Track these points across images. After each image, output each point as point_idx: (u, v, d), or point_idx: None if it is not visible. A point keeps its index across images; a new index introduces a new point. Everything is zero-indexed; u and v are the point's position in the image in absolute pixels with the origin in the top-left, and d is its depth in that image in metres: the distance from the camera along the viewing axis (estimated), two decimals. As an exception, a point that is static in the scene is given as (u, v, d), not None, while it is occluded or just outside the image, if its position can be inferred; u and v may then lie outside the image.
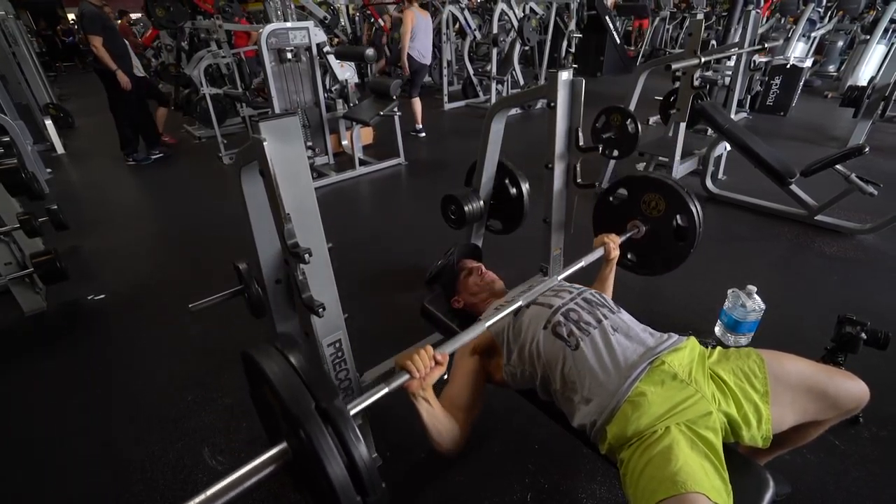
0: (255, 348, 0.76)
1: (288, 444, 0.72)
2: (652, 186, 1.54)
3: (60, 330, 2.30)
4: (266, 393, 0.75)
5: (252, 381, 0.83)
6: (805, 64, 5.49)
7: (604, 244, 1.42)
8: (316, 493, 0.71)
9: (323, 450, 0.64)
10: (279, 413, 0.71)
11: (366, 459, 0.67)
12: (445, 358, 0.98)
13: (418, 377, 0.94)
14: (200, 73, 4.75)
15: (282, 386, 0.68)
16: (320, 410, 0.68)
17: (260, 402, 0.86)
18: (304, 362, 0.73)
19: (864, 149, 2.48)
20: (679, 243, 1.51)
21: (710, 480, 0.83)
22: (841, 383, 1.01)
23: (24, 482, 1.57)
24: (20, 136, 3.18)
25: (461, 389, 1.19)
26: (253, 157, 1.04)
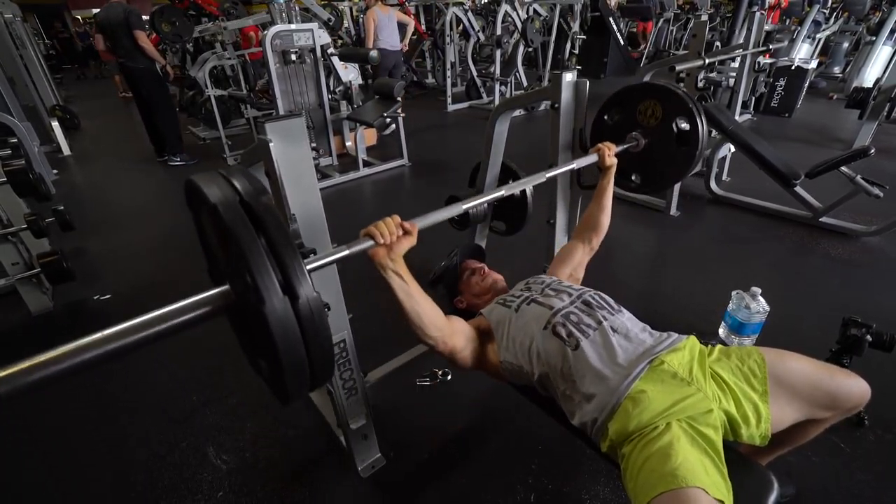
0: (198, 174, 0.68)
1: (231, 287, 0.67)
2: (646, 93, 1.46)
3: (67, 330, 2.32)
4: (205, 225, 0.70)
5: (195, 213, 0.77)
6: (810, 65, 5.46)
7: (598, 150, 1.38)
8: (254, 336, 0.66)
9: (249, 248, 0.58)
10: (219, 246, 0.67)
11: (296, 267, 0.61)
12: (414, 227, 0.95)
13: (383, 243, 0.91)
14: (205, 74, 4.78)
15: (226, 213, 0.60)
16: (253, 218, 0.61)
17: (207, 247, 0.81)
18: (249, 188, 0.66)
19: (870, 150, 2.47)
20: (682, 148, 1.43)
21: (709, 476, 0.83)
22: (842, 381, 1.01)
23: (29, 481, 1.58)
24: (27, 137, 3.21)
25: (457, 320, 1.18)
26: (258, 158, 1.04)
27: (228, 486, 1.49)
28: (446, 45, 6.65)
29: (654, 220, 3.19)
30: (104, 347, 0.58)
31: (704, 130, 1.39)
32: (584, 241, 1.45)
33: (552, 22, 6.49)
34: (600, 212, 1.43)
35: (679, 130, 1.41)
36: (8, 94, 4.39)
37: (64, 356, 0.56)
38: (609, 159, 1.38)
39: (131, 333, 0.60)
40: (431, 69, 8.57)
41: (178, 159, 4.75)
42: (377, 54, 4.01)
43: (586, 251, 1.45)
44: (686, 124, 1.40)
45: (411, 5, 7.64)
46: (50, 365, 0.55)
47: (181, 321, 0.64)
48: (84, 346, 0.57)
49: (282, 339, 0.60)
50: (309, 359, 0.64)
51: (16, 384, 0.53)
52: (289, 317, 0.60)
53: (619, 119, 1.53)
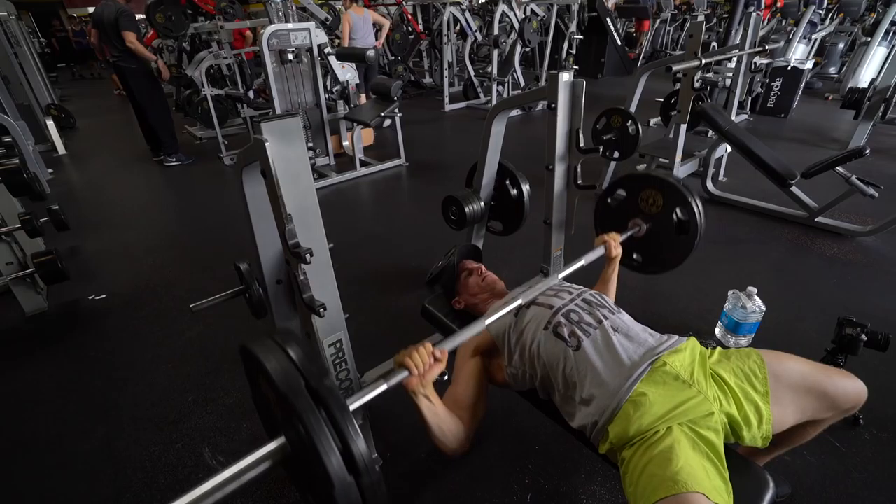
0: (252, 341, 0.74)
1: (286, 437, 0.70)
2: (647, 183, 1.52)
3: (61, 330, 2.31)
4: (263, 385, 0.74)
5: (250, 375, 0.82)
6: (806, 66, 5.48)
7: (604, 243, 1.42)
8: (314, 488, 0.70)
9: (317, 435, 0.63)
10: (275, 405, 0.70)
11: (361, 447, 0.66)
12: (445, 354, 0.98)
13: (417, 374, 0.93)
14: (202, 73, 4.76)
15: (277, 375, 0.67)
16: (314, 396, 0.66)
17: (260, 399, 0.85)
18: (301, 354, 0.72)
19: (865, 151, 2.48)
20: (681, 236, 1.49)
21: (710, 481, 0.83)
22: (839, 382, 1.02)
23: (25, 482, 1.57)
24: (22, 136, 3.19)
25: (464, 389, 1.19)
26: (255, 158, 1.04)
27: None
28: (444, 44, 6.65)
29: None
30: None
31: (703, 220, 1.45)
32: None
33: (549, 22, 6.49)
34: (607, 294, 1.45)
35: (679, 219, 1.48)
36: (2, 92, 4.36)
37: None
38: (615, 250, 1.42)
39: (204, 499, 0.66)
40: (429, 69, 8.56)
41: (173, 159, 4.73)
42: (374, 54, 4.00)
43: None
44: (685, 215, 1.46)
45: (408, 5, 7.63)
46: None
47: (245, 481, 0.68)
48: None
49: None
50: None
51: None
52: (353, 494, 0.65)
53: (622, 203, 1.60)
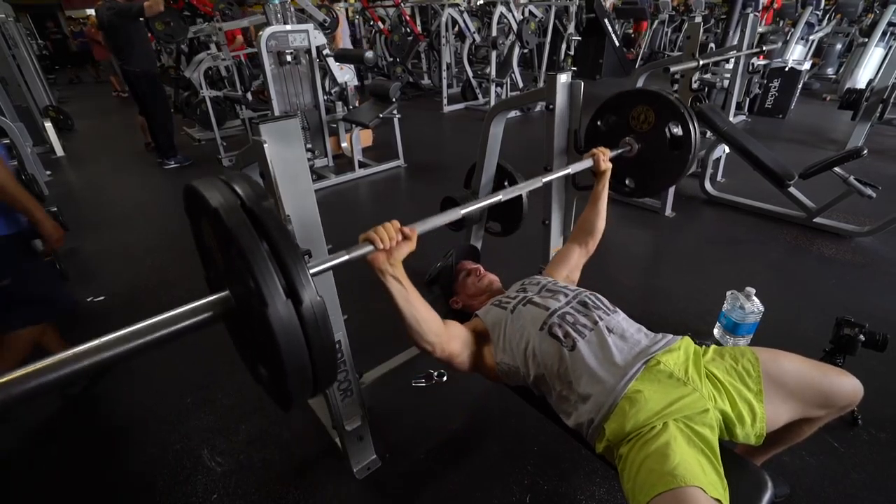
0: (198, 180, 0.67)
1: (230, 292, 0.67)
2: (638, 99, 1.47)
3: (60, 331, 2.30)
4: (206, 231, 0.70)
5: (194, 220, 0.76)
6: (803, 67, 5.50)
7: (593, 155, 1.38)
8: (254, 330, 0.65)
9: (251, 251, 0.58)
10: (218, 253, 0.66)
11: (299, 270, 0.61)
12: (414, 233, 0.95)
13: (383, 248, 0.91)
14: (200, 75, 4.76)
15: (228, 218, 0.60)
16: (252, 217, 0.61)
17: (205, 253, 0.81)
18: (251, 192, 0.65)
19: (863, 151, 2.49)
20: (675, 152, 1.44)
21: (707, 476, 0.83)
22: (834, 380, 1.02)
23: (23, 484, 1.57)
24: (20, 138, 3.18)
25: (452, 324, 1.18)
26: (253, 159, 1.04)
27: (223, 489, 1.49)
28: (442, 46, 6.66)
29: (649, 221, 3.21)
30: (101, 354, 0.58)
31: (697, 134, 1.40)
32: (580, 245, 1.46)
33: (548, 23, 6.51)
34: (596, 216, 1.43)
35: (672, 135, 1.43)
36: (0, 94, 4.36)
37: (60, 363, 0.55)
38: (604, 164, 1.39)
39: (128, 340, 0.60)
40: (427, 70, 8.57)
41: (172, 162, 4.73)
42: (373, 55, 4.01)
43: (582, 254, 1.46)
44: (678, 129, 1.41)
45: (407, 6, 7.64)
46: (46, 372, 0.54)
47: (180, 328, 0.63)
48: (81, 352, 0.57)
49: (286, 343, 0.60)
50: (312, 363, 0.64)
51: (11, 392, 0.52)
52: (292, 321, 0.60)
53: (612, 125, 1.54)
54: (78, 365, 0.56)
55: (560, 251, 1.53)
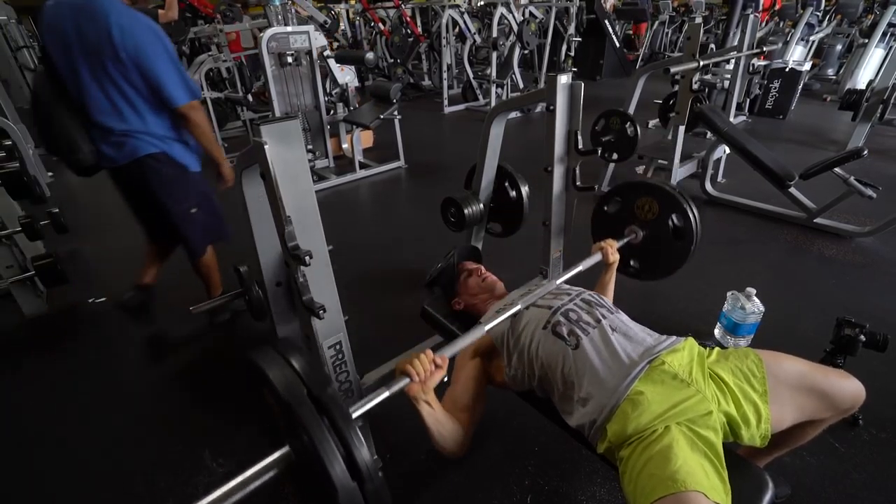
0: (256, 352, 0.75)
1: (290, 447, 0.72)
2: (642, 191, 1.56)
3: (61, 333, 2.31)
4: (267, 396, 0.75)
5: (255, 386, 0.83)
6: (804, 67, 5.50)
7: (601, 249, 1.43)
8: (318, 496, 0.72)
9: (321, 443, 0.63)
10: (279, 415, 0.71)
11: (365, 455, 0.67)
12: (445, 361, 0.99)
13: (418, 381, 0.94)
14: (201, 77, 4.76)
15: (281, 385, 0.68)
16: (317, 405, 0.67)
17: (265, 409, 0.87)
18: (304, 363, 0.73)
19: (863, 152, 2.49)
20: (678, 242, 1.52)
21: (709, 480, 0.83)
22: (837, 382, 1.02)
23: (25, 485, 1.57)
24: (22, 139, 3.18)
25: (463, 391, 1.20)
26: (254, 160, 1.04)
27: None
28: (442, 47, 6.66)
29: (649, 222, 3.20)
30: None
31: (698, 226, 1.48)
32: None
33: (548, 24, 6.51)
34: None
35: (675, 226, 1.50)
36: (2, 96, 4.37)
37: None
38: (612, 256, 1.44)
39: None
40: (428, 71, 8.57)
41: None
42: (373, 56, 4.01)
43: None
44: (681, 221, 1.48)
45: (407, 7, 7.65)
46: None
47: (249, 492, 0.69)
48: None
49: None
50: None
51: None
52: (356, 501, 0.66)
53: (618, 211, 1.62)
54: None
55: None
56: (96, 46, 1.62)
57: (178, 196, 1.94)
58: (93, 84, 1.70)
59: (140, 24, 1.65)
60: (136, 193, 2.07)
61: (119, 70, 1.67)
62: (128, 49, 1.63)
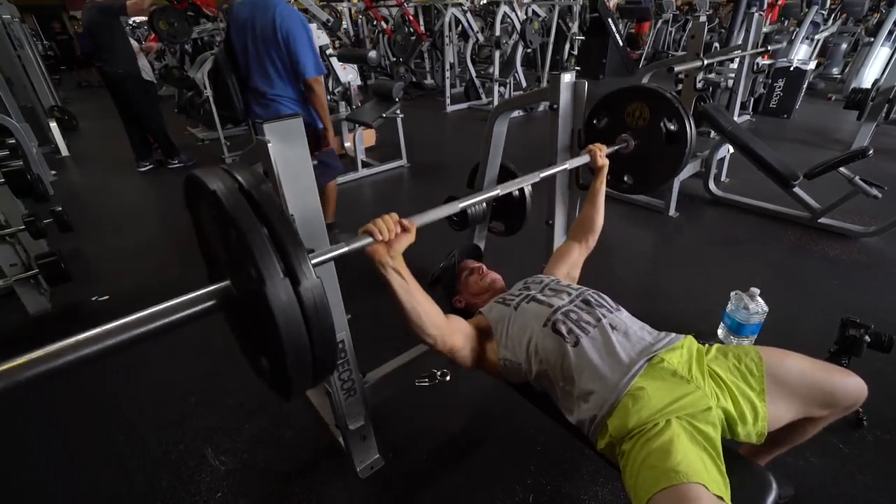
0: (199, 169, 0.68)
1: (232, 283, 0.67)
2: (631, 96, 1.49)
3: (64, 331, 2.29)
4: (206, 220, 0.70)
5: (194, 210, 0.77)
6: (808, 66, 5.47)
7: (590, 151, 1.40)
8: (257, 332, 0.66)
9: (252, 235, 0.58)
10: (219, 244, 0.66)
11: (313, 286, 0.61)
12: (413, 225, 0.95)
13: (382, 239, 0.91)
14: (204, 75, 4.77)
15: (226, 200, 0.60)
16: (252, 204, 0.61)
17: (206, 245, 0.81)
18: (252, 181, 0.65)
19: (868, 151, 2.48)
20: (672, 146, 1.46)
21: (709, 473, 0.83)
22: (839, 380, 1.02)
23: (28, 483, 1.57)
24: (25, 138, 3.19)
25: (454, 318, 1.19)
26: (257, 159, 1.04)
27: (227, 487, 1.49)
28: (445, 45, 6.66)
29: (652, 221, 3.20)
30: (102, 343, 0.58)
31: (692, 128, 1.42)
32: (580, 242, 1.47)
33: (551, 23, 6.49)
34: (595, 212, 1.45)
35: (667, 130, 1.44)
36: (6, 94, 4.37)
37: (61, 351, 0.56)
38: (601, 159, 1.40)
39: (130, 329, 0.60)
40: (430, 70, 8.57)
41: (176, 161, 4.71)
42: (376, 55, 4.01)
43: (582, 251, 1.47)
44: (673, 124, 1.43)
45: (410, 6, 7.64)
46: (47, 360, 0.55)
47: (180, 317, 0.63)
48: (82, 341, 0.57)
49: (284, 323, 0.59)
50: (312, 346, 0.63)
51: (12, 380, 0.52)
52: (291, 301, 0.60)
53: (607, 123, 1.56)
54: (79, 353, 0.57)
55: (560, 249, 1.53)
56: (263, 31, 2.23)
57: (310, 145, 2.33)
58: (255, 59, 2.31)
59: (294, 17, 2.25)
60: None
61: (275, 49, 2.25)
62: (283, 33, 2.20)
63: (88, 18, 4.04)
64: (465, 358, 1.18)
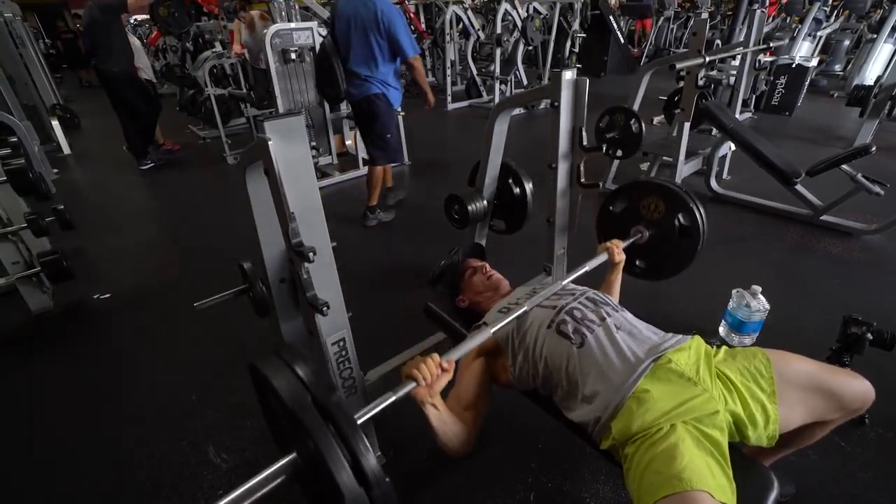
0: (260, 359, 0.75)
1: (297, 453, 0.71)
2: (647, 190, 1.54)
3: (67, 329, 2.32)
4: (272, 402, 0.75)
5: (259, 391, 0.84)
6: (810, 63, 5.45)
7: (607, 249, 1.42)
8: (325, 498, 0.71)
9: (327, 450, 0.63)
10: (285, 421, 0.71)
11: (371, 462, 0.67)
12: (452, 365, 0.98)
13: (425, 385, 0.94)
14: (205, 73, 4.77)
15: (285, 393, 0.68)
16: (322, 412, 0.67)
17: (269, 415, 0.86)
18: (308, 371, 0.73)
19: (871, 148, 2.47)
20: (684, 241, 1.51)
21: (714, 479, 0.82)
22: (846, 382, 1.01)
23: (31, 481, 1.58)
24: (27, 136, 3.20)
25: (468, 390, 1.19)
26: (258, 157, 1.04)
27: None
28: (446, 43, 6.64)
29: (654, 219, 3.19)
30: None
31: (705, 225, 1.47)
32: None
33: (552, 20, 6.48)
34: None
35: (681, 224, 1.49)
36: (8, 92, 4.38)
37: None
38: (618, 256, 1.43)
39: None
40: (431, 68, 8.56)
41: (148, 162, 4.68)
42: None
43: None
44: (687, 220, 1.47)
45: (411, 4, 7.62)
46: None
47: (260, 496, 0.69)
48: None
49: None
50: None
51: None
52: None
53: (624, 210, 1.61)
54: None
55: None
56: (365, 22, 2.66)
57: (385, 123, 2.95)
58: (356, 46, 2.74)
59: (392, 9, 2.69)
60: (361, 119, 3.06)
61: (375, 37, 2.69)
62: (384, 23, 2.65)
63: (89, 16, 4.03)
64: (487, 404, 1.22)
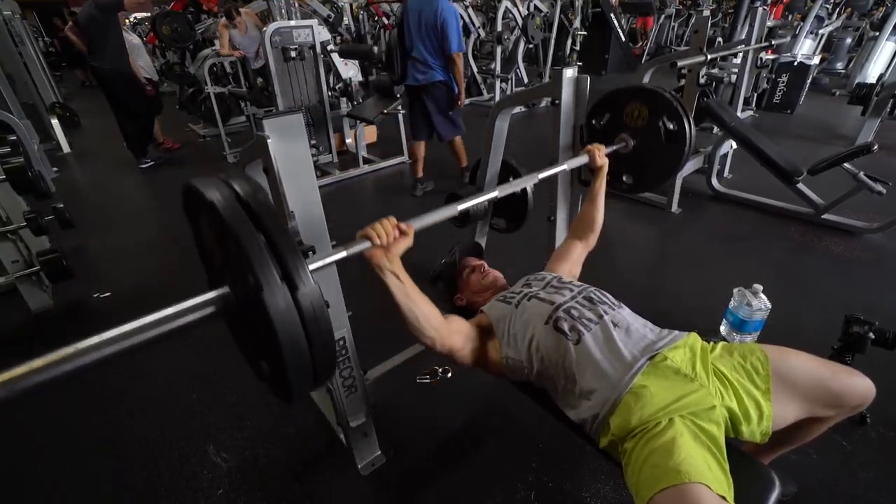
0: (196, 178, 0.68)
1: (231, 290, 0.67)
2: (630, 96, 1.49)
3: (66, 327, 2.32)
4: (205, 229, 0.71)
5: (193, 219, 0.77)
6: (812, 61, 5.42)
7: (588, 151, 1.39)
8: (255, 332, 0.66)
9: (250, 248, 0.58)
10: (217, 252, 0.67)
11: (311, 292, 0.62)
12: (411, 229, 0.96)
13: (380, 244, 0.92)
14: (205, 71, 4.76)
15: (223, 211, 0.60)
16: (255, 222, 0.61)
17: (204, 251, 0.81)
18: (249, 190, 0.65)
19: (873, 147, 2.46)
20: (671, 145, 1.45)
21: (712, 472, 0.83)
22: (846, 380, 1.01)
23: (28, 480, 1.58)
24: (26, 134, 3.20)
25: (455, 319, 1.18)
26: (257, 155, 1.04)
27: (228, 484, 1.49)
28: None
29: (655, 217, 3.18)
30: (102, 351, 0.58)
31: (691, 126, 1.41)
32: (581, 239, 1.47)
33: (553, 18, 6.46)
34: (595, 211, 1.45)
35: (666, 129, 1.44)
36: (7, 91, 4.37)
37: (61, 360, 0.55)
38: (600, 160, 1.40)
39: (130, 336, 0.60)
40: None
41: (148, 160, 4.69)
42: (378, 51, 4.00)
43: (584, 249, 1.47)
44: (672, 123, 1.42)
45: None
46: (47, 369, 0.55)
47: (180, 324, 0.63)
48: (83, 349, 0.57)
49: (283, 330, 0.60)
50: (311, 351, 0.64)
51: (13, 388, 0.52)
52: (289, 307, 0.60)
53: (606, 123, 1.55)
54: (80, 361, 0.56)
55: (561, 246, 1.53)
56: (427, 19, 3.11)
57: (449, 104, 3.38)
58: (418, 38, 3.18)
59: (450, 10, 3.09)
60: (422, 102, 3.40)
61: (433, 32, 3.13)
62: (440, 21, 3.07)
63: (86, 14, 4.02)
64: (465, 358, 1.18)
